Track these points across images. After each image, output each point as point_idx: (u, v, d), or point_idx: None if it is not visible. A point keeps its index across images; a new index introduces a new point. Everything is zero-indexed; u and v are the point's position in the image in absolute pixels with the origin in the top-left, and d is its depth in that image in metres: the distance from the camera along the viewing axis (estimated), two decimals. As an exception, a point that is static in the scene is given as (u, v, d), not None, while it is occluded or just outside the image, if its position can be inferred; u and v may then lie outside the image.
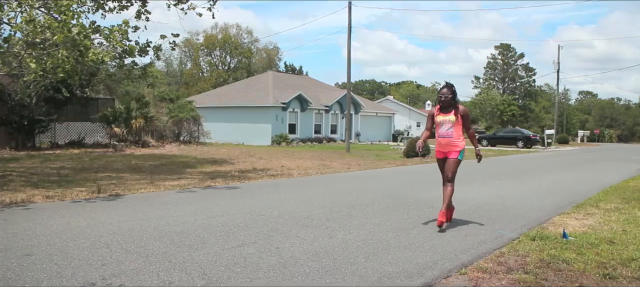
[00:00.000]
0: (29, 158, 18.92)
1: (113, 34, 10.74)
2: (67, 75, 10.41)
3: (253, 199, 9.62)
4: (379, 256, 5.66)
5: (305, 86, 42.47)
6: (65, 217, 7.44)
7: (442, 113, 7.29)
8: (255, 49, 78.62)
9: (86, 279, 4.60)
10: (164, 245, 5.87)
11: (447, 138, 7.25)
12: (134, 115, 26.94)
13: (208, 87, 63.26)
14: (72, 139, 26.34)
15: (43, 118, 23.80)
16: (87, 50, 9.66)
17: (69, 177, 13.05)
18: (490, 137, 44.54)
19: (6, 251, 5.48)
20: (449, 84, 7.34)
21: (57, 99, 23.97)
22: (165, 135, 30.21)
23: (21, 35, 9.41)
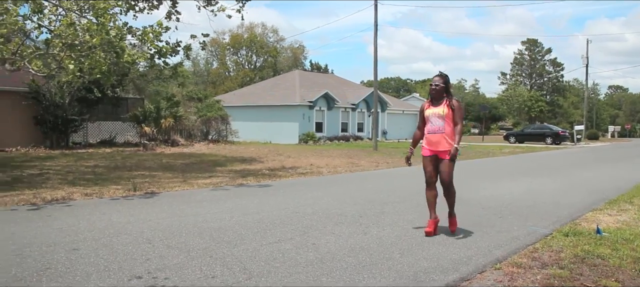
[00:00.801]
0: (64, 157, 19.37)
1: (147, 35, 10.99)
2: (103, 76, 10.68)
3: (286, 197, 9.78)
4: (414, 252, 5.75)
5: (332, 85, 42.59)
6: (106, 214, 7.68)
7: (433, 106, 6.59)
8: (281, 48, 79.00)
9: (132, 273, 4.78)
10: (203, 241, 6.04)
11: (437, 134, 6.47)
12: (164, 115, 27.33)
13: (234, 86, 63.75)
14: (104, 138, 26.85)
15: (76, 118, 24.30)
16: (123, 52, 9.92)
17: (103, 175, 13.36)
18: (518, 134, 44.16)
19: (55, 246, 5.71)
20: (442, 73, 6.68)
21: (89, 99, 24.48)
22: (193, 134, 30.59)
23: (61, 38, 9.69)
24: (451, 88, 6.72)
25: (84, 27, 9.56)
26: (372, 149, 28.40)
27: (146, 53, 10.95)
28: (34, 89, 23.11)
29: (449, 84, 6.65)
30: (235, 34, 75.12)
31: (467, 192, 10.70)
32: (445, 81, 6.59)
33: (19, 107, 23.28)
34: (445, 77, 6.62)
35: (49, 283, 4.48)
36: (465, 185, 12.04)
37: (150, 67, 15.30)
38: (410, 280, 4.80)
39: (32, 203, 8.70)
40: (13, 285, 4.43)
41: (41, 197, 9.25)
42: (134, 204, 8.76)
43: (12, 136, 22.91)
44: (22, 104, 23.30)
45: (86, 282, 4.51)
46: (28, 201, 8.85)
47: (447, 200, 6.71)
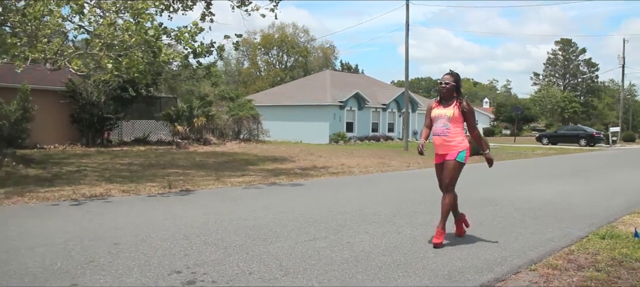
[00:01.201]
0: (99, 154, 19.76)
1: (182, 35, 11.18)
2: (140, 75, 10.91)
3: (318, 196, 9.86)
4: (448, 252, 5.77)
5: (362, 85, 42.57)
6: (143, 210, 7.86)
7: (441, 106, 6.19)
8: (312, 48, 79.22)
9: (172, 268, 4.90)
10: (239, 238, 6.15)
11: (441, 137, 6.11)
12: (196, 114, 27.66)
13: (265, 86, 64.15)
14: (137, 137, 27.29)
15: (111, 116, 24.75)
16: (159, 51, 10.12)
17: (138, 172, 13.61)
18: (551, 135, 43.54)
19: (97, 240, 5.88)
20: (453, 71, 6.33)
21: (124, 98, 24.89)
22: (225, 133, 30.89)
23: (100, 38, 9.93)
24: (462, 87, 6.33)
25: (123, 27, 9.79)
26: (402, 149, 28.33)
27: (181, 53, 11.14)
28: (71, 88, 23.62)
29: (460, 83, 6.25)
30: (266, 34, 75.57)
31: (500, 193, 10.66)
32: (456, 79, 6.19)
33: (57, 106, 23.82)
34: (456, 76, 6.24)
35: (93, 276, 4.63)
36: (498, 186, 11.99)
37: (184, 67, 15.54)
38: (445, 279, 4.82)
39: (73, 199, 8.95)
40: (60, 277, 4.59)
41: (80, 193, 9.50)
42: (170, 201, 8.94)
43: (50, 134, 23.45)
44: (59, 102, 23.83)
45: (128, 276, 4.65)
46: (68, 197, 9.10)
47: (441, 202, 6.26)
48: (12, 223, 6.81)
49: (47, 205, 8.35)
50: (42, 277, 4.59)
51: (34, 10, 9.46)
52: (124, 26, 9.88)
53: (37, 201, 8.70)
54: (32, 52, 9.76)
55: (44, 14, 9.65)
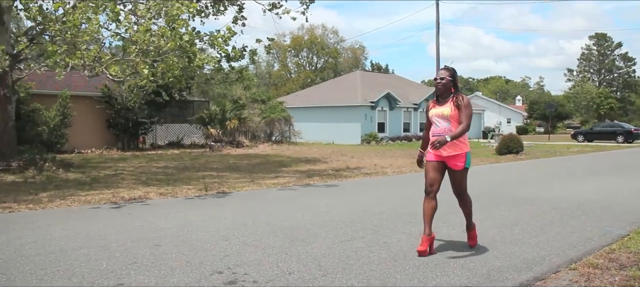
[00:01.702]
0: (135, 158, 20.12)
1: (216, 40, 11.34)
2: (175, 79, 11.10)
3: (353, 197, 9.90)
4: (485, 251, 5.76)
5: (393, 85, 42.44)
6: (181, 212, 8.01)
7: (438, 104, 5.75)
8: (341, 49, 79.28)
9: (213, 268, 5.00)
10: (278, 239, 6.23)
11: None
12: (229, 117, 27.95)
13: (296, 88, 64.41)
14: (171, 140, 27.70)
15: (145, 120, 25.19)
16: (194, 56, 10.29)
17: (174, 175, 13.83)
18: (587, 132, 42.76)
19: (138, 242, 6.03)
20: (448, 66, 5.85)
21: (158, 102, 25.30)
22: (257, 135, 31.16)
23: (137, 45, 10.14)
24: (459, 83, 5.85)
25: (159, 33, 9.99)
26: (435, 149, 28.14)
27: (216, 57, 11.31)
28: (107, 93, 24.12)
29: (457, 78, 5.76)
30: (296, 36, 75.87)
31: (536, 191, 10.56)
32: (452, 74, 5.69)
33: (93, 111, 24.35)
34: (451, 70, 5.74)
35: (138, 276, 4.75)
36: (533, 184, 11.87)
37: (217, 71, 15.74)
38: (484, 278, 4.82)
39: (112, 202, 9.16)
40: (106, 277, 4.72)
41: (120, 197, 9.71)
42: (207, 203, 9.09)
43: (87, 139, 23.98)
44: (95, 108, 24.36)
45: (171, 276, 4.76)
46: (108, 200, 9.31)
47: (463, 210, 6.01)
48: (57, 225, 7.01)
49: (88, 208, 8.57)
50: (90, 276, 4.73)
51: (73, 19, 9.72)
52: (159, 32, 10.08)
53: (78, 204, 8.93)
54: (72, 59, 10.02)
55: (82, 22, 9.91)
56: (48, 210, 8.39)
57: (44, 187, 11.28)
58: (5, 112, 14.46)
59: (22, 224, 7.11)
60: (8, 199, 9.42)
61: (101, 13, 10.11)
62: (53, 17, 11.21)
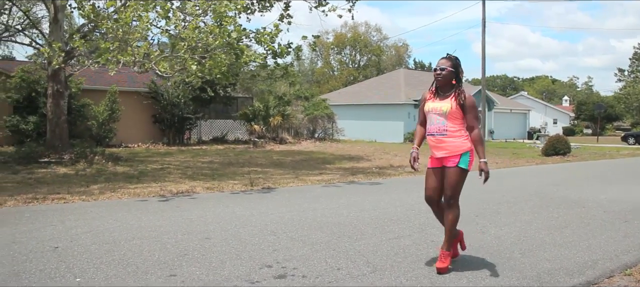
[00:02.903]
0: (181, 153, 20.48)
1: (263, 37, 11.45)
2: (223, 76, 11.26)
3: (398, 195, 9.88)
4: (535, 253, 5.67)
5: (436, 83, 42.03)
6: (229, 207, 8.13)
7: (436, 98, 5.07)
8: (385, 46, 78.95)
9: (262, 262, 5.06)
10: (325, 235, 6.27)
11: (437, 137, 4.99)
12: (272, 113, 28.16)
13: (339, 85, 64.45)
14: (215, 136, 28.08)
15: (191, 116, 25.59)
16: (242, 53, 10.43)
17: (219, 170, 14.03)
18: (638, 135, 41.57)
19: (188, 234, 6.15)
20: (451, 55, 5.12)
21: (203, 98, 25.68)
22: (300, 132, 31.31)
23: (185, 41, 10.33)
24: (462, 75, 5.13)
25: (207, 30, 10.15)
26: (479, 148, 27.78)
27: (262, 54, 11.42)
28: (153, 89, 24.60)
29: (460, 68, 5.08)
30: (339, 34, 75.88)
31: (585, 194, 10.34)
32: (454, 65, 5.02)
33: (140, 107, 24.87)
34: (454, 60, 5.06)
35: (189, 268, 4.85)
36: (583, 187, 11.63)
37: (262, 68, 15.90)
38: (534, 280, 4.75)
39: (161, 195, 9.35)
40: (159, 268, 4.84)
41: (167, 190, 9.91)
42: (254, 198, 9.19)
43: (134, 133, 24.52)
44: (142, 103, 24.88)
45: (221, 269, 4.84)
46: (157, 193, 9.51)
47: (446, 222, 5.11)
48: (109, 217, 7.20)
49: (138, 200, 8.77)
50: (143, 267, 4.85)
51: (125, 16, 9.97)
52: (208, 29, 10.24)
53: (128, 197, 9.15)
54: (123, 56, 10.26)
55: (133, 19, 10.15)
56: (100, 202, 8.62)
57: (95, 179, 11.59)
58: (58, 107, 14.91)
59: (76, 215, 7.33)
60: (62, 190, 9.72)
61: (151, 10, 10.32)
62: (105, 14, 11.51)
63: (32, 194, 9.21)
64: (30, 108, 21.06)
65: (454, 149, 4.95)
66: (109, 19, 11.01)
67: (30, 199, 8.60)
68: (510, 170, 16.23)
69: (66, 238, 5.91)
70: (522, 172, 15.67)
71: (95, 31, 13.40)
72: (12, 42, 36.06)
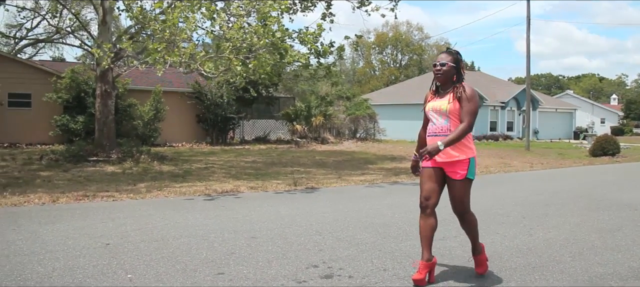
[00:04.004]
0: (224, 152, 20.72)
1: (306, 36, 11.50)
2: (267, 76, 11.36)
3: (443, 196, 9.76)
4: (586, 257, 5.54)
5: (479, 82, 41.49)
6: (274, 206, 8.19)
7: (437, 96, 4.63)
8: (426, 46, 78.28)
9: (309, 262, 5.08)
10: (370, 235, 6.25)
11: (442, 136, 4.48)
12: (314, 113, 28.25)
13: (380, 85, 64.21)
14: (258, 135, 28.32)
15: (234, 116, 25.87)
16: (286, 53, 10.51)
17: (262, 170, 14.14)
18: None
19: (235, 233, 6.22)
20: (451, 49, 4.66)
21: (246, 99, 25.91)
22: (342, 132, 31.31)
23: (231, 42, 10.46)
24: (464, 70, 4.65)
25: (252, 30, 10.27)
26: (523, 149, 27.35)
27: (306, 54, 11.48)
28: (197, 89, 24.96)
29: (462, 63, 4.60)
30: (380, 33, 75.57)
31: (638, 196, 10.05)
32: (455, 60, 4.54)
33: (184, 106, 25.26)
34: (455, 54, 4.58)
35: (237, 266, 4.90)
36: (635, 189, 11.34)
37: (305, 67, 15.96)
38: (586, 284, 4.65)
39: (206, 194, 9.48)
40: (207, 266, 4.91)
41: (212, 189, 10.04)
42: (298, 198, 9.24)
43: (178, 133, 24.93)
44: (186, 103, 25.28)
45: (268, 268, 4.88)
46: (202, 192, 9.65)
47: (467, 233, 4.90)
48: (157, 215, 7.34)
49: (184, 199, 8.92)
50: (192, 264, 4.93)
51: (173, 17, 10.15)
52: (252, 29, 10.36)
53: (174, 195, 9.32)
54: (170, 56, 10.45)
55: (180, 20, 10.34)
56: (147, 200, 8.80)
57: (141, 178, 11.82)
58: (106, 107, 15.27)
59: (125, 212, 7.49)
60: (110, 188, 9.96)
61: (197, 11, 10.49)
62: (152, 16, 11.73)
63: (83, 191, 9.46)
64: (79, 108, 21.64)
65: (457, 154, 4.46)
66: (156, 21, 11.23)
67: (81, 197, 8.83)
68: (557, 171, 15.91)
69: (116, 235, 6.05)
70: (569, 173, 15.34)
71: (142, 32, 13.67)
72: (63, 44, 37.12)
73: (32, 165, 14.00)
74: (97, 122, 15.59)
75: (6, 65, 22.15)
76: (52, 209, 7.75)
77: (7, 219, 6.97)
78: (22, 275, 4.57)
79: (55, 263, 4.92)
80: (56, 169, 13.05)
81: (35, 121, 21.94)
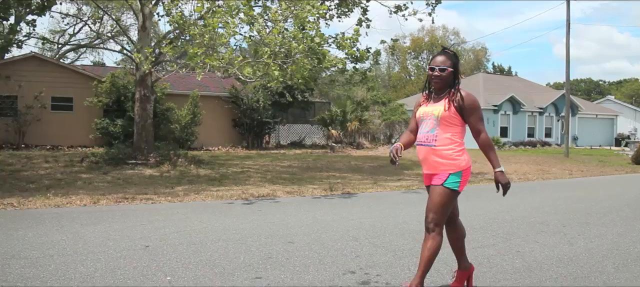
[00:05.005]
0: (260, 157, 20.84)
1: (344, 42, 11.51)
2: (304, 81, 11.41)
3: (480, 203, 9.67)
4: (631, 268, 5.40)
5: (517, 87, 40.94)
6: (310, 212, 8.20)
7: (430, 101, 4.26)
8: (462, 50, 77.53)
9: (346, 268, 5.07)
10: (407, 242, 6.21)
11: (426, 147, 4.17)
12: (349, 118, 28.24)
13: (415, 90, 63.78)
14: (293, 140, 28.45)
15: (269, 120, 26.04)
16: (324, 57, 10.54)
17: (297, 175, 14.19)
18: None
19: (272, 238, 6.25)
20: (448, 50, 4.28)
21: (281, 103, 26.09)
22: (377, 137, 31.24)
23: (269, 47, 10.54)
24: (461, 74, 4.33)
25: (291, 35, 10.34)
26: (562, 155, 26.85)
27: (343, 59, 11.50)
28: (234, 94, 25.19)
29: (459, 66, 4.25)
30: (416, 38, 75.12)
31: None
32: (454, 64, 4.17)
33: (220, 111, 25.54)
34: (454, 58, 4.20)
35: (274, 271, 4.92)
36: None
37: (341, 72, 15.98)
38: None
39: (243, 198, 9.56)
40: (245, 270, 4.94)
41: (249, 193, 10.12)
42: (334, 203, 9.25)
43: (214, 137, 25.21)
44: (223, 107, 25.55)
45: (305, 273, 4.89)
46: (239, 196, 9.73)
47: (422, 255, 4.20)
48: (195, 218, 7.43)
49: (221, 203, 9.00)
50: (229, 268, 4.97)
51: (213, 22, 10.28)
52: (291, 34, 10.42)
53: (211, 199, 9.41)
54: (210, 61, 10.58)
55: (220, 25, 10.46)
56: (185, 203, 8.91)
57: (178, 181, 11.98)
58: (144, 111, 15.51)
59: (164, 215, 7.60)
60: (149, 191, 10.12)
61: (236, 17, 10.60)
62: (191, 21, 11.90)
63: (122, 194, 9.63)
64: (118, 111, 22.07)
65: (444, 163, 4.09)
66: (195, 26, 11.39)
67: (120, 199, 9.00)
68: (598, 179, 15.57)
69: (156, 237, 6.14)
70: (611, 181, 15.00)
71: (180, 37, 13.87)
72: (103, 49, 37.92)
73: (73, 167, 14.31)
74: (135, 125, 15.86)
75: (50, 69, 22.75)
76: (93, 211, 7.91)
77: (52, 219, 7.14)
78: (66, 275, 4.67)
79: (97, 264, 5.01)
80: (96, 171, 13.32)
81: (76, 124, 22.45)
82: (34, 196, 9.14)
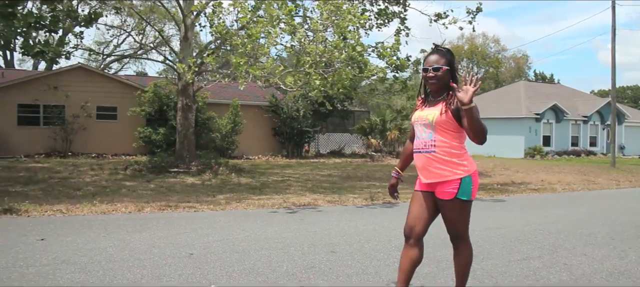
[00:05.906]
0: (299, 165, 20.92)
1: (385, 51, 11.51)
2: (345, 90, 11.43)
3: (524, 213, 9.51)
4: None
5: (560, 95, 40.13)
6: (352, 221, 8.19)
7: (425, 105, 3.94)
8: (503, 58, 76.52)
9: (389, 279, 5.05)
10: (449, 253, 6.00)
11: (424, 155, 3.84)
12: (389, 127, 28.15)
13: (455, 99, 63.19)
14: (332, 149, 28.48)
15: (309, 129, 26.14)
16: (365, 66, 10.55)
17: (337, 184, 14.18)
18: None
19: (314, 247, 6.26)
20: (441, 47, 3.89)
21: (321, 112, 26.14)
22: (416, 146, 31.03)
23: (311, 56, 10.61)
24: (458, 73, 3.92)
25: (333, 45, 10.38)
26: (609, 165, 26.17)
27: (383, 68, 11.49)
28: (274, 103, 25.38)
29: (455, 63, 3.88)
30: (455, 46, 74.41)
31: None
32: (449, 61, 3.82)
33: (261, 120, 25.75)
34: (447, 55, 3.84)
35: (317, 280, 4.93)
36: None
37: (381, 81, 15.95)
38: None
39: (285, 207, 9.60)
40: (288, 279, 4.96)
41: (290, 202, 10.16)
42: (376, 212, 9.22)
43: (254, 146, 25.41)
44: (263, 116, 25.76)
45: (348, 283, 4.89)
46: (280, 205, 9.78)
47: (456, 269, 4.14)
48: (237, 226, 7.50)
49: (263, 211, 9.06)
50: (273, 276, 5.00)
51: (255, 32, 10.40)
52: (333, 43, 10.47)
53: (253, 207, 9.48)
54: (253, 70, 10.69)
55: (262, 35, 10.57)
56: (227, 211, 9.00)
57: (220, 189, 12.11)
58: (186, 120, 15.76)
59: (206, 223, 7.69)
60: (191, 199, 10.25)
61: (277, 26, 10.69)
62: (233, 31, 12.06)
63: (165, 201, 9.79)
64: (160, 120, 22.47)
65: (448, 173, 3.75)
66: (237, 36, 11.54)
67: (164, 207, 9.14)
68: (647, 190, 15.14)
69: (199, 245, 6.21)
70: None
71: (222, 47, 14.06)
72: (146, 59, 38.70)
73: (117, 175, 14.62)
74: (177, 134, 16.11)
75: (95, 80, 23.33)
76: (138, 218, 8.06)
77: (98, 226, 7.30)
78: (114, 281, 4.77)
79: (142, 270, 5.10)
80: (140, 179, 13.57)
81: (120, 133, 22.94)
82: (81, 202, 9.37)
